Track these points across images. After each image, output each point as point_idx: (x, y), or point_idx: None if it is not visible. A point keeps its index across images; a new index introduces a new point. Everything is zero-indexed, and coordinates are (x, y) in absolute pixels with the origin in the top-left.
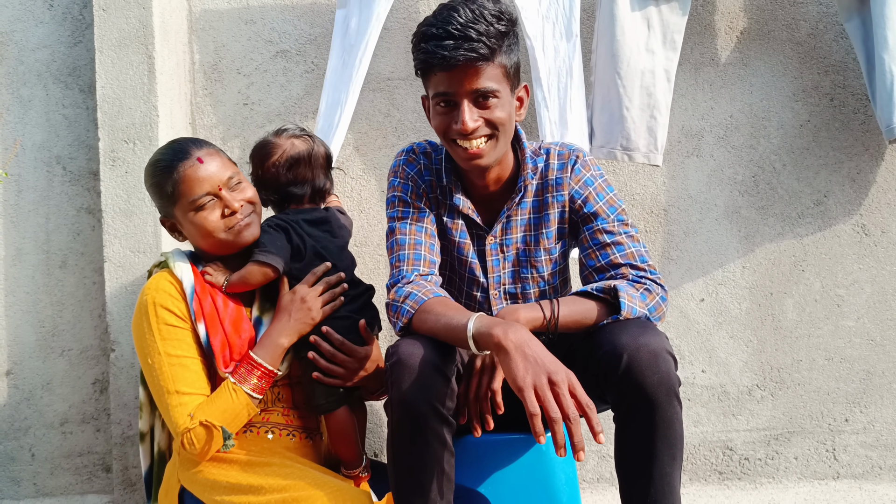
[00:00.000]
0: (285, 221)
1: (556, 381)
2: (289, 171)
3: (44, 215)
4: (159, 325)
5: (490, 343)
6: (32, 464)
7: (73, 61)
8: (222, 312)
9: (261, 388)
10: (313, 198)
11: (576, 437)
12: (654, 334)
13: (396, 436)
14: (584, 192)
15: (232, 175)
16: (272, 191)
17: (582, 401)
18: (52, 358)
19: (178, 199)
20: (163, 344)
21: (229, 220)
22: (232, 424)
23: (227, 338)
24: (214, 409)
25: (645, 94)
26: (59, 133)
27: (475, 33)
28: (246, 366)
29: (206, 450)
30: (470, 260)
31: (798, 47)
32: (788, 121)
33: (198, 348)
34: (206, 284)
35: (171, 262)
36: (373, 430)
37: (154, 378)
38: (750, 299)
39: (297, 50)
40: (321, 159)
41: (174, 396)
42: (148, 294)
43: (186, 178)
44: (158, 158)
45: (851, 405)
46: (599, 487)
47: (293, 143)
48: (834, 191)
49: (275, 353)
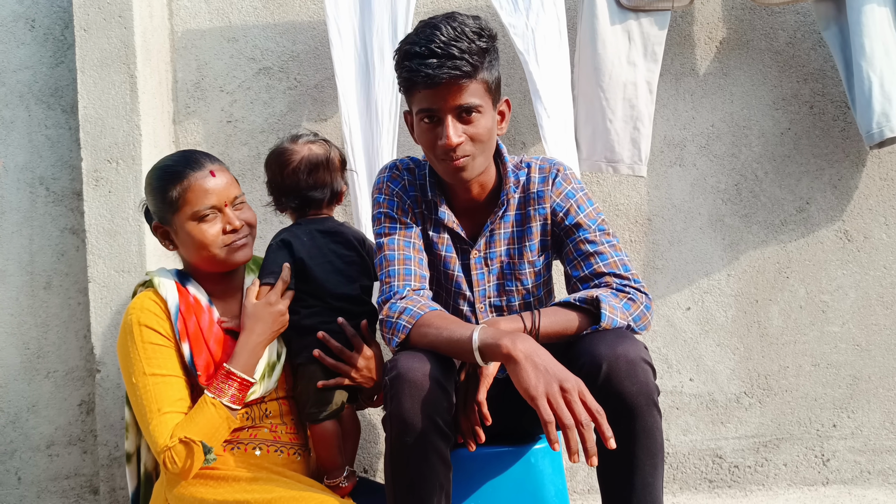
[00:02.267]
0: (292, 234)
1: (567, 388)
2: (309, 175)
3: (27, 236)
4: (143, 345)
5: (498, 354)
6: (19, 487)
7: (55, 82)
8: (207, 332)
9: (239, 399)
10: (331, 201)
11: (588, 444)
12: (631, 343)
13: (396, 451)
14: (565, 205)
15: (238, 195)
16: (293, 196)
17: (592, 407)
18: (37, 380)
19: (181, 207)
20: (146, 363)
21: (229, 236)
22: (212, 438)
23: (211, 357)
24: (193, 424)
25: (628, 105)
26: (41, 154)
27: (457, 51)
28: (222, 378)
29: (188, 466)
30: (456, 274)
31: (777, 56)
32: (769, 129)
33: (181, 367)
34: (190, 304)
35: (156, 281)
36: (361, 446)
37: (137, 397)
38: (736, 307)
39: (280, 67)
40: (337, 162)
41: (156, 415)
42: (132, 313)
43: (197, 187)
44: (168, 164)
45: (839, 410)
46: (591, 498)
47: (310, 149)
48: (816, 197)
49: (250, 361)
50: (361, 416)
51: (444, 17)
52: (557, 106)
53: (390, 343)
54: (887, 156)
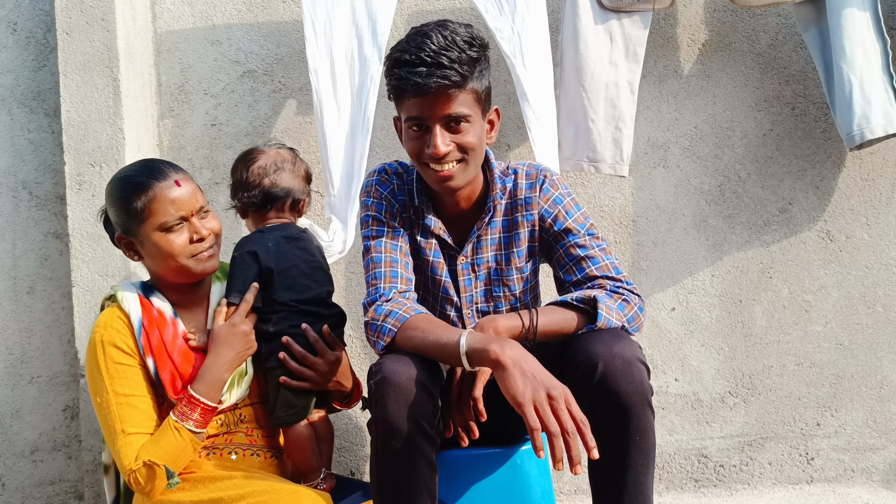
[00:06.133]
0: (256, 243)
1: (554, 396)
2: (275, 173)
3: (10, 241)
4: (107, 364)
5: (486, 359)
6: (3, 494)
7: (37, 85)
8: (170, 346)
9: (203, 423)
10: (294, 206)
11: (573, 451)
12: (627, 343)
13: (381, 455)
14: (553, 211)
15: (203, 204)
16: (257, 192)
17: (577, 416)
18: (21, 385)
19: (146, 218)
20: (110, 383)
21: (196, 246)
22: (177, 462)
23: (176, 369)
24: (157, 448)
25: (609, 105)
26: (24, 158)
27: (447, 60)
28: (186, 401)
29: (151, 488)
30: (443, 279)
31: (759, 58)
32: (752, 130)
33: (147, 383)
34: (154, 318)
35: (119, 295)
36: (348, 449)
37: (103, 417)
38: (720, 307)
39: (265, 70)
40: (303, 172)
41: (121, 436)
42: (97, 332)
43: (162, 198)
44: (130, 174)
45: (823, 409)
46: (577, 499)
47: (278, 152)
48: (798, 198)
49: (215, 387)
50: (349, 418)
51: (435, 25)
52: (544, 107)
53: (375, 346)
54: (868, 156)
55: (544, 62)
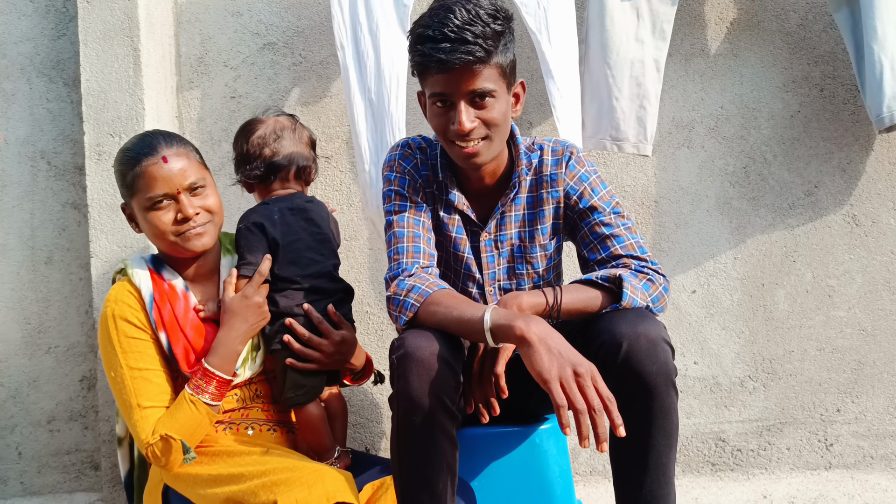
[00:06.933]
0: (262, 215)
1: (580, 372)
2: (275, 142)
3: (28, 211)
4: (120, 338)
5: (511, 336)
6: (19, 462)
7: (56, 54)
8: (182, 319)
9: (219, 396)
10: (298, 174)
11: (599, 428)
12: (652, 323)
13: (402, 430)
14: (579, 188)
15: (196, 180)
16: (259, 163)
17: (603, 394)
18: (38, 355)
19: (136, 193)
20: (124, 357)
21: (181, 225)
22: (194, 435)
23: (189, 343)
24: (174, 422)
25: (634, 83)
26: (43, 127)
27: (471, 35)
28: (201, 376)
29: (168, 461)
30: (465, 256)
31: (788, 38)
32: (779, 111)
33: (161, 357)
34: (165, 291)
35: (130, 270)
36: (363, 425)
37: (118, 391)
38: (742, 290)
39: (285, 42)
40: (305, 138)
41: (136, 410)
42: (108, 306)
43: (147, 174)
44: (128, 147)
45: (843, 395)
46: (592, 480)
47: (277, 120)
48: (825, 181)
49: (229, 359)
50: (364, 394)
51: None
52: (568, 85)
53: (397, 321)
54: None
55: (570, 38)
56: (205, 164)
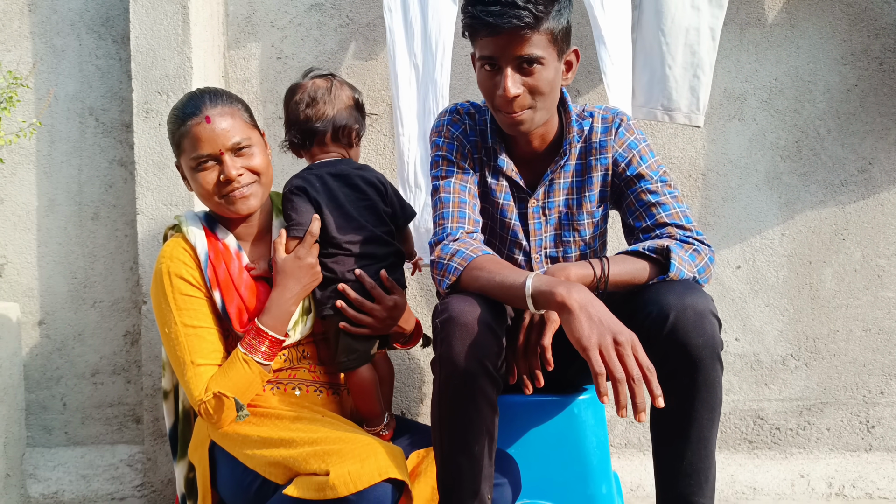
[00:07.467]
0: (304, 179)
1: (620, 341)
2: (308, 107)
3: (76, 167)
4: (174, 295)
5: (552, 302)
6: (64, 413)
7: (106, 11)
8: (237, 279)
9: (271, 355)
10: (336, 137)
11: (638, 398)
12: (700, 295)
13: (444, 394)
14: (627, 155)
15: (240, 140)
16: (295, 129)
17: (643, 363)
18: (83, 309)
19: (183, 152)
20: (178, 314)
21: (224, 186)
22: (246, 393)
23: (243, 303)
24: (227, 379)
25: (689, 52)
26: (91, 84)
27: (522, 0)
28: (254, 334)
29: (220, 419)
30: (512, 222)
31: (848, 9)
32: (835, 85)
33: (213, 315)
34: (220, 251)
35: (185, 227)
36: (399, 389)
37: (171, 347)
38: (788, 267)
39: (332, 3)
40: (345, 98)
41: (190, 367)
42: (163, 262)
43: (192, 134)
44: (176, 106)
45: (888, 377)
46: (627, 453)
47: (314, 82)
48: (879, 158)
49: (282, 319)
50: (401, 359)
51: None
52: (620, 52)
53: (440, 285)
54: None
55: (623, 4)
56: (254, 122)
